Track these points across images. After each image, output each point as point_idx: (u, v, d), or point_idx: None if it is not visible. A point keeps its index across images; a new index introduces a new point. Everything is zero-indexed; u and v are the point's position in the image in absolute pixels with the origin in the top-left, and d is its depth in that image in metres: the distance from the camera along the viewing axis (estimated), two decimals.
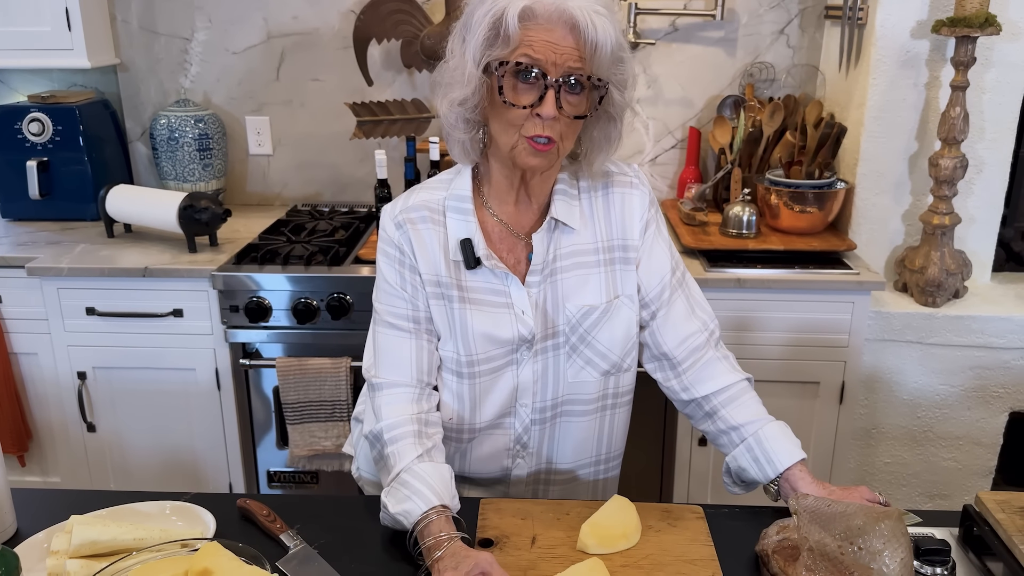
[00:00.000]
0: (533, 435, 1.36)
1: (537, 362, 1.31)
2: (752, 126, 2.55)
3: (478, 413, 1.33)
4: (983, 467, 2.41)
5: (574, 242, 1.31)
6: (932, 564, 1.11)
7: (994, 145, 2.33)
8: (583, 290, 1.30)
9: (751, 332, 2.25)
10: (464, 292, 1.29)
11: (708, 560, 1.16)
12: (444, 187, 1.32)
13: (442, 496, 1.18)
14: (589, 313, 1.30)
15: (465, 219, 1.29)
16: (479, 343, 1.28)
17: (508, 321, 1.28)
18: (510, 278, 1.28)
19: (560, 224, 1.30)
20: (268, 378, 2.31)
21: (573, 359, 1.32)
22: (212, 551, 1.04)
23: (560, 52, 1.14)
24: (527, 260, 1.31)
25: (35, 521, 1.23)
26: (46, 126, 2.62)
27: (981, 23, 2.08)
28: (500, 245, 1.30)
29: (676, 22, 2.67)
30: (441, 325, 1.30)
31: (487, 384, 1.31)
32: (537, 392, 1.33)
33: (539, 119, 1.16)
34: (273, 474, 2.42)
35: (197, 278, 2.25)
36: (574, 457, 1.40)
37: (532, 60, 1.14)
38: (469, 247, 1.27)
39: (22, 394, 2.44)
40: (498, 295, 1.29)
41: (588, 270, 1.31)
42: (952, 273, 2.29)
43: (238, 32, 2.75)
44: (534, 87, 1.16)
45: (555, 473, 1.41)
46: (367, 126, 2.54)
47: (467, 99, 1.19)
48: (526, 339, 1.29)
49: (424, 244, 1.29)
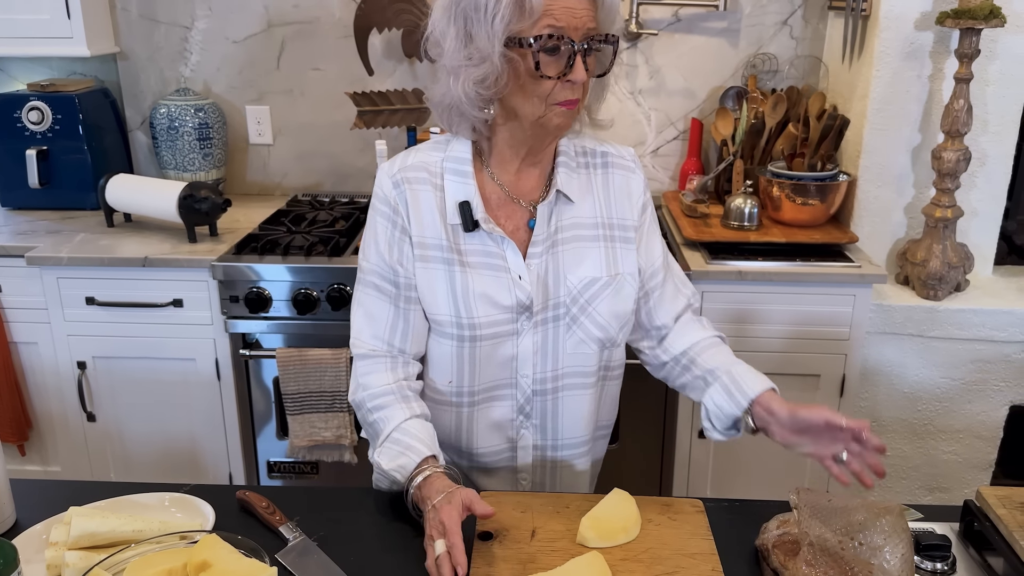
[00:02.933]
0: (535, 406, 1.37)
1: (537, 333, 1.32)
2: (754, 117, 2.54)
3: (476, 378, 1.34)
4: (983, 460, 2.41)
5: (574, 215, 1.33)
6: (932, 559, 1.12)
7: (997, 138, 2.33)
8: (583, 262, 1.33)
9: (752, 324, 2.24)
10: (462, 256, 1.29)
11: (708, 554, 1.16)
12: (441, 149, 1.33)
13: (432, 449, 1.24)
14: (591, 284, 1.32)
15: (464, 181, 1.30)
16: (479, 306, 1.29)
17: (506, 286, 1.30)
18: (506, 242, 1.30)
19: (562, 196, 1.32)
20: (268, 368, 2.31)
21: (573, 331, 1.33)
22: (211, 543, 1.04)
23: (579, 16, 1.15)
24: (526, 227, 1.32)
25: (34, 512, 1.23)
26: (46, 115, 2.61)
27: (986, 15, 2.07)
28: (499, 211, 1.31)
29: (679, 12, 2.66)
30: (439, 288, 1.30)
31: (487, 350, 1.32)
32: (537, 364, 1.34)
33: (569, 84, 1.18)
34: (273, 464, 2.42)
35: (197, 268, 2.25)
36: (576, 429, 1.42)
37: (556, 29, 1.15)
38: (467, 209, 1.28)
39: (22, 384, 2.44)
40: (494, 258, 1.30)
41: (587, 243, 1.33)
42: (954, 266, 2.28)
43: (238, 20, 2.74)
44: (561, 55, 1.17)
45: (560, 444, 1.42)
46: (368, 116, 2.53)
47: (487, 77, 1.18)
48: (525, 305, 1.30)
49: (420, 206, 1.29)
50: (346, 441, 2.29)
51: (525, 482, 1.43)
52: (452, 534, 1.09)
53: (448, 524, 1.10)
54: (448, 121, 1.29)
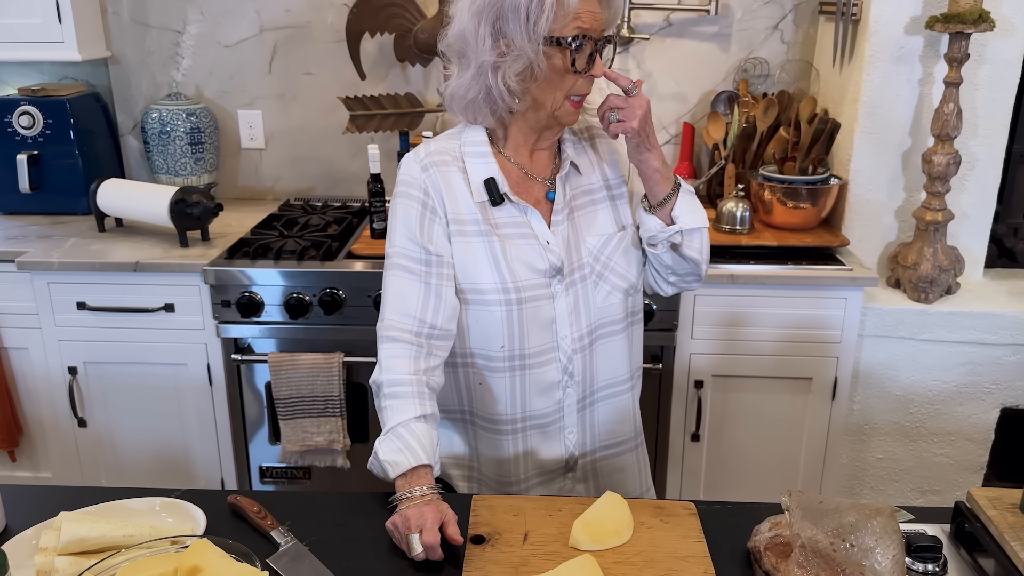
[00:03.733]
0: (576, 364, 1.43)
1: (569, 295, 1.41)
2: (746, 122, 2.55)
3: (526, 340, 1.40)
4: (975, 463, 2.42)
5: (582, 183, 1.46)
6: (924, 561, 1.12)
7: (987, 141, 2.34)
8: (596, 222, 1.45)
9: (744, 328, 2.25)
10: (496, 228, 1.39)
11: (700, 557, 1.16)
12: (456, 138, 1.44)
13: (431, 458, 1.28)
14: (608, 241, 1.44)
15: (486, 161, 1.40)
16: (520, 271, 1.38)
17: (539, 251, 1.39)
18: (530, 211, 1.40)
19: (573, 168, 1.44)
20: (260, 373, 2.31)
21: (600, 286, 1.43)
22: (202, 548, 1.03)
23: (596, 18, 1.30)
24: (546, 200, 1.43)
25: (24, 518, 1.23)
26: (36, 119, 2.60)
27: (975, 19, 2.08)
28: (519, 188, 1.42)
29: (670, 17, 2.67)
30: (480, 259, 1.38)
31: (531, 313, 1.39)
32: (573, 323, 1.42)
33: (590, 79, 1.33)
34: (265, 470, 2.41)
35: (189, 273, 2.24)
36: (611, 375, 1.48)
37: (583, 30, 1.29)
38: (494, 185, 1.38)
39: (12, 389, 2.43)
40: (522, 227, 1.40)
41: (597, 206, 1.46)
42: (945, 269, 2.29)
43: (230, 25, 2.74)
44: (584, 53, 1.30)
45: (598, 393, 1.48)
46: (360, 120, 2.54)
47: (527, 70, 1.30)
48: (557, 268, 1.40)
49: (451, 185, 1.39)
50: (338, 446, 2.29)
51: (571, 436, 1.47)
52: (431, 533, 1.15)
53: (430, 522, 1.16)
54: (471, 113, 1.39)
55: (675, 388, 2.31)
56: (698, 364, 2.28)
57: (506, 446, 1.46)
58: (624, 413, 1.52)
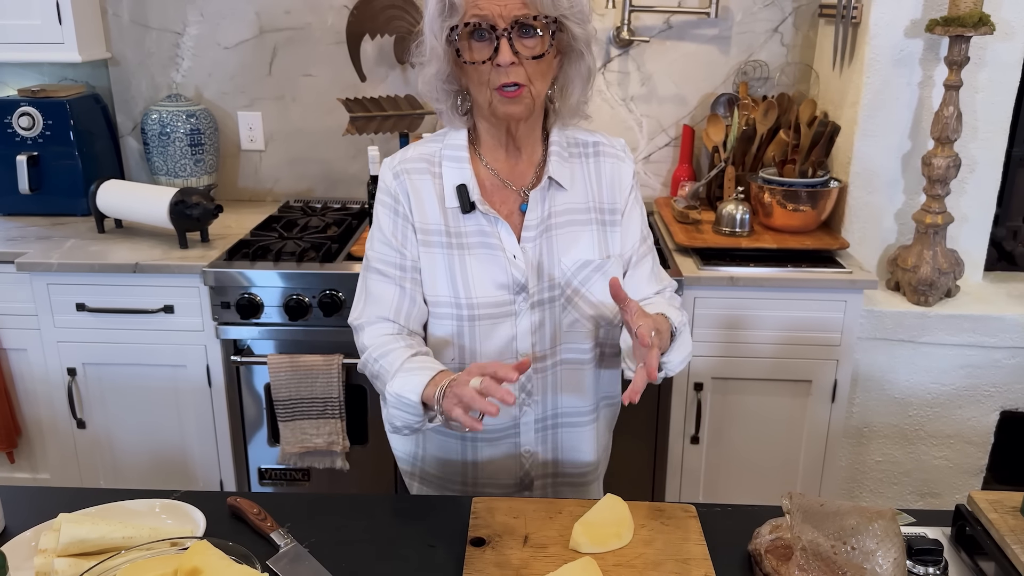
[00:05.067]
0: (536, 384, 1.41)
1: (534, 314, 1.37)
2: (746, 124, 2.55)
3: (477, 356, 1.39)
4: (974, 466, 2.42)
5: (567, 200, 1.39)
6: (924, 564, 1.12)
7: (987, 144, 2.34)
8: (576, 245, 1.38)
9: (744, 330, 2.25)
10: (461, 239, 1.36)
11: (701, 559, 1.16)
12: (440, 140, 1.41)
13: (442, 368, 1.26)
14: (584, 267, 1.38)
15: (460, 167, 1.37)
16: (478, 286, 1.35)
17: (503, 265, 1.36)
18: (500, 223, 1.36)
19: (554, 183, 1.38)
20: (259, 375, 2.30)
21: (568, 311, 1.39)
22: (202, 550, 1.03)
23: (503, 3, 1.22)
24: (519, 212, 1.38)
25: (23, 519, 1.23)
26: (36, 120, 2.60)
27: (975, 23, 2.08)
28: (493, 196, 1.38)
29: (670, 20, 2.67)
30: (438, 272, 1.37)
31: (485, 329, 1.37)
32: (537, 343, 1.39)
33: (500, 69, 1.24)
34: (264, 471, 2.41)
35: (188, 274, 2.24)
36: (573, 404, 1.45)
37: (480, 17, 1.23)
38: (464, 192, 1.35)
39: (11, 390, 2.42)
40: (490, 238, 1.36)
41: (580, 227, 1.39)
42: (944, 272, 2.29)
43: (230, 26, 2.74)
44: (488, 41, 1.24)
45: (560, 418, 1.45)
46: (360, 122, 2.53)
47: (439, 71, 1.30)
48: (521, 284, 1.36)
49: (420, 194, 1.37)
50: (338, 448, 2.28)
51: (528, 457, 1.46)
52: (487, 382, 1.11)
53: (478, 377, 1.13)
54: (445, 117, 1.39)
55: (675, 390, 2.31)
56: (698, 366, 2.28)
57: (452, 448, 1.46)
58: (586, 443, 1.49)
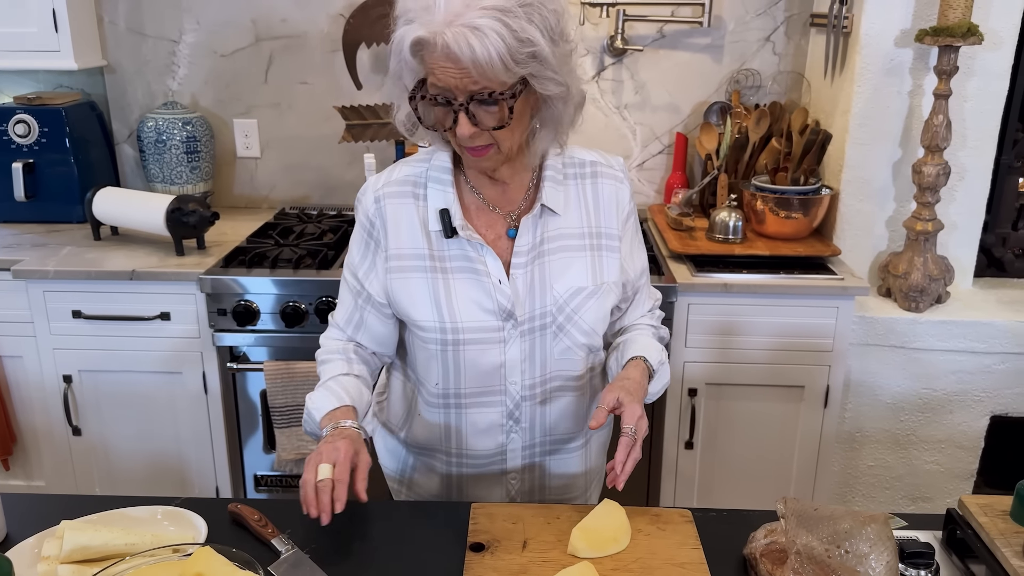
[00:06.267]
0: (524, 411, 1.39)
1: (524, 341, 1.35)
2: (738, 132, 2.57)
3: (463, 381, 1.37)
4: (965, 470, 2.44)
5: (560, 226, 1.36)
6: (916, 567, 1.13)
7: (976, 153, 2.37)
8: (569, 272, 1.35)
9: (737, 336, 2.27)
10: (445, 263, 1.33)
11: (697, 563, 1.17)
12: (426, 160, 1.37)
13: (356, 402, 1.33)
14: (577, 293, 1.35)
15: (444, 190, 1.34)
16: (463, 310, 1.32)
17: (488, 290, 1.32)
18: (484, 248, 1.32)
19: (547, 209, 1.34)
20: (255, 382, 2.31)
21: (560, 339, 1.36)
22: (205, 556, 1.04)
23: (457, 76, 1.14)
24: (507, 236, 1.35)
25: (24, 526, 1.23)
26: (32, 128, 2.60)
27: (963, 33, 2.11)
28: (477, 219, 1.35)
29: (663, 29, 2.69)
30: (419, 296, 1.33)
31: (472, 355, 1.34)
32: (526, 371, 1.36)
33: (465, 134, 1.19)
34: (260, 478, 2.41)
35: (184, 281, 2.25)
36: (564, 431, 1.45)
37: (438, 89, 1.17)
38: (447, 217, 1.32)
39: (7, 397, 2.42)
40: (475, 263, 1.33)
41: (574, 253, 1.36)
42: (935, 278, 2.32)
43: (226, 34, 2.75)
44: (448, 111, 1.19)
45: (550, 445, 1.45)
46: (356, 129, 2.55)
47: (409, 116, 1.26)
48: (507, 310, 1.32)
49: (398, 221, 1.35)
50: None
51: (515, 482, 1.46)
52: (343, 469, 1.19)
53: (343, 456, 1.21)
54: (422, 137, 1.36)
55: (669, 396, 2.32)
56: (692, 372, 2.30)
57: (439, 469, 1.47)
58: (575, 467, 1.49)
